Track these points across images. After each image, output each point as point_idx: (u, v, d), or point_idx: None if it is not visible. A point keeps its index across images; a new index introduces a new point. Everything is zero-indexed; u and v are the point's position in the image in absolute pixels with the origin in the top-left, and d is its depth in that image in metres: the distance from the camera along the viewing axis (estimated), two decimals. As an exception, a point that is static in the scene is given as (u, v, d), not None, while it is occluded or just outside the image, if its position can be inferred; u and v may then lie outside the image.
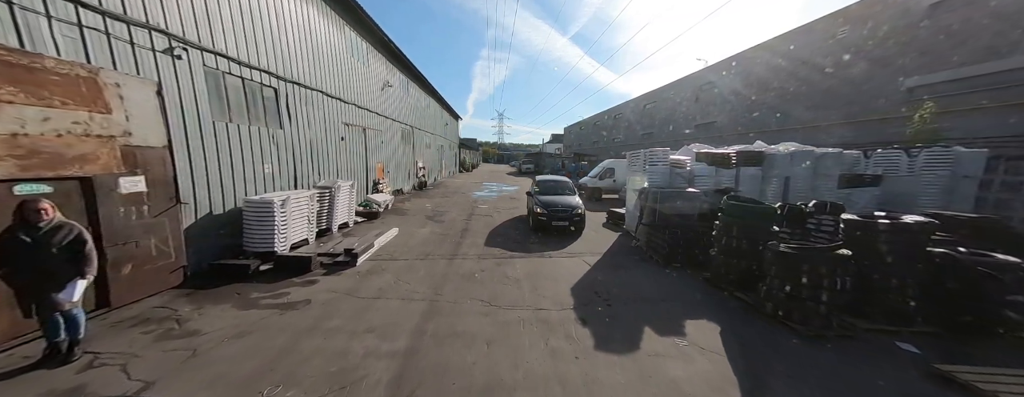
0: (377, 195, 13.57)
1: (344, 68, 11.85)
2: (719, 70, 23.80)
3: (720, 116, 24.25)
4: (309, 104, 9.58)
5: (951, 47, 11.37)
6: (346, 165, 11.95)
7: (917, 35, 12.35)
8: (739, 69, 21.65)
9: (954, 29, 11.08)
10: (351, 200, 10.32)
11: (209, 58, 6.16)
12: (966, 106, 10.16)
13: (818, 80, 16.11)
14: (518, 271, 6.98)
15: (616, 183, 18.85)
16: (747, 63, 20.91)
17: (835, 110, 15.28)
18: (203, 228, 5.99)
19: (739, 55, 21.54)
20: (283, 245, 6.96)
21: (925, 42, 12.21)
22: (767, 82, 19.36)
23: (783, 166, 8.74)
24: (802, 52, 17.08)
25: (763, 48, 19.55)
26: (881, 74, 13.59)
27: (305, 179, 9.32)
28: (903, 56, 12.90)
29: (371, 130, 14.39)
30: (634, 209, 9.69)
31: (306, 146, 9.39)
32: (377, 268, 6.89)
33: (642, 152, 9.55)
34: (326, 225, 9.13)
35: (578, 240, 9.63)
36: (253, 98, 7.39)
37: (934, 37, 11.88)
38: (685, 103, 28.85)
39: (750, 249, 5.37)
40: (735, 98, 22.22)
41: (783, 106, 18.22)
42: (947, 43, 11.45)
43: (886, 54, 13.40)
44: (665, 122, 31.57)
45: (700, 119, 26.78)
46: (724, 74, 22.94)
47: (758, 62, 19.94)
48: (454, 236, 9.81)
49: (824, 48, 15.83)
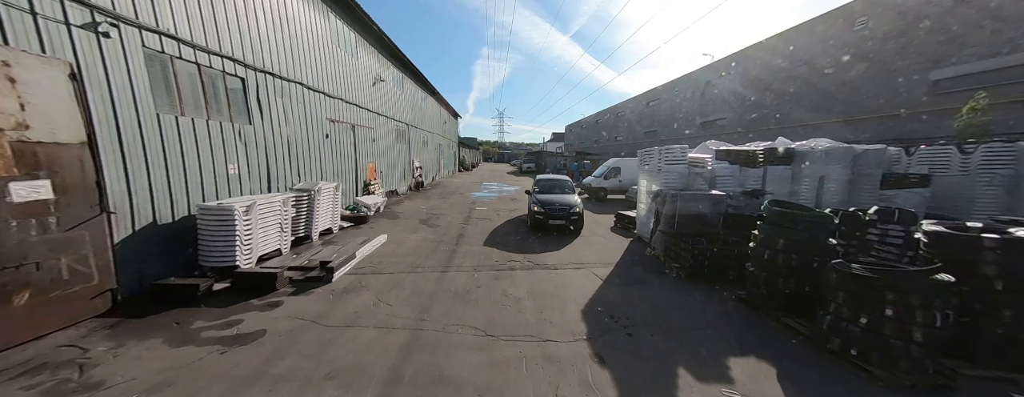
0: (367, 197, 12.61)
1: (329, 60, 10.89)
2: (727, 65, 22.79)
3: (728, 112, 23.29)
4: (286, 97, 8.62)
5: (989, 34, 10.39)
6: (332, 165, 10.99)
7: (946, 23, 11.37)
8: (749, 64, 20.65)
9: (995, 15, 10.10)
10: (335, 204, 9.37)
11: (151, 39, 5.19)
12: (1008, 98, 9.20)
13: (836, 73, 15.11)
14: (519, 287, 6.02)
15: (622, 183, 17.87)
16: (757, 57, 19.91)
17: (855, 105, 14.30)
18: (143, 242, 5.03)
19: (749, 49, 20.53)
20: (248, 258, 6.01)
21: (956, 31, 11.22)
22: (779, 77, 18.38)
23: (817, 165, 7.76)
24: (817, 45, 16.07)
25: (777, 40, 18.55)
26: (903, 66, 12.61)
27: (282, 181, 8.36)
28: (929, 46, 11.92)
29: (361, 127, 13.43)
30: (647, 213, 8.73)
31: (283, 144, 8.43)
32: (356, 285, 5.93)
33: (656, 150, 8.59)
34: (305, 232, 8.18)
35: (585, 246, 8.68)
36: (213, 88, 6.43)
37: (967, 25, 10.90)
38: (690, 100, 27.91)
39: (801, 266, 4.40)
40: (744, 94, 21.24)
41: (795, 102, 17.25)
42: (982, 31, 10.46)
43: (909, 45, 12.41)
44: (669, 120, 30.62)
45: (705, 116, 25.83)
46: (734, 66, 21.90)
47: (770, 56, 18.95)
48: (448, 243, 8.86)
49: (842, 40, 14.83)
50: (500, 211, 14.04)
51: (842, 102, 14.88)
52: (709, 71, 25.11)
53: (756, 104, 20.01)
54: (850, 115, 14.49)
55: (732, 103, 22.33)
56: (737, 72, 21.52)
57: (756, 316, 4.94)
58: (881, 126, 13.32)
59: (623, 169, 18.09)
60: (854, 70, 14.44)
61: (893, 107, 12.88)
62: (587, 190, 18.80)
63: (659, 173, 8.39)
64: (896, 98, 12.89)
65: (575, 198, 10.50)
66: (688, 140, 27.69)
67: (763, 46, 19.56)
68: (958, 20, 11.21)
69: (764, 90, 19.40)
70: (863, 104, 14.00)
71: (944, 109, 11.33)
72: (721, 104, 23.63)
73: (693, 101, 27.50)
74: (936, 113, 11.63)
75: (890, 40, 13.11)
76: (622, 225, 11.10)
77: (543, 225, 9.67)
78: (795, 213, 4.56)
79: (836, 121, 15.09)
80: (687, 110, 28.11)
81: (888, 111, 13.06)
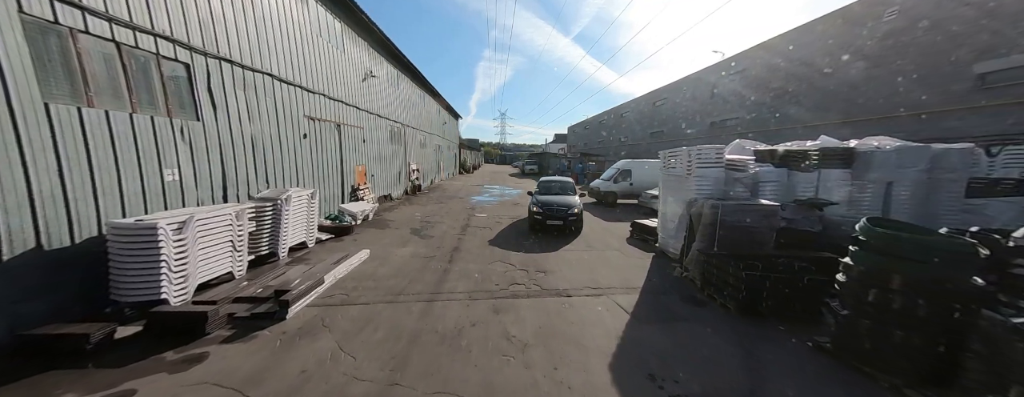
0: (353, 204, 11.33)
1: (309, 50, 9.64)
2: (743, 60, 21.44)
3: (741, 112, 21.95)
4: (250, 90, 7.36)
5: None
6: (311, 168, 9.73)
7: (994, 10, 10.01)
8: (768, 58, 19.30)
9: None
10: (311, 213, 8.09)
11: (33, 4, 3.93)
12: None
13: (865, 68, 13.74)
14: (525, 325, 4.71)
15: (634, 187, 16.52)
16: (777, 52, 18.57)
17: (886, 100, 12.92)
18: (19, 274, 3.75)
19: (770, 41, 19.19)
20: (181, 289, 4.72)
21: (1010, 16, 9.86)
22: (799, 72, 17.03)
23: (884, 167, 6.41)
24: (842, 37, 14.70)
25: (798, 33, 17.20)
26: (943, 60, 11.24)
27: (242, 188, 7.09)
28: (974, 37, 10.56)
29: (349, 127, 12.18)
30: (676, 224, 7.40)
31: (245, 145, 7.17)
32: (316, 323, 4.63)
33: (685, 150, 7.27)
34: (270, 249, 6.90)
35: (601, 263, 7.35)
36: (142, 74, 5.16)
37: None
38: (699, 99, 26.61)
39: (931, 315, 3.07)
40: (761, 91, 19.90)
41: (817, 99, 15.90)
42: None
43: (951, 35, 11.04)
44: (676, 120, 29.28)
45: (714, 116, 24.53)
46: (750, 62, 20.52)
47: (790, 50, 17.60)
48: (441, 259, 7.56)
49: (869, 32, 13.47)
50: (502, 218, 12.74)
51: (869, 98, 13.51)
52: (720, 68, 23.80)
53: (776, 102, 18.66)
54: (882, 112, 13.12)
55: (746, 101, 20.98)
56: (759, 65, 20.17)
57: (853, 377, 3.61)
58: (915, 124, 11.95)
59: (634, 171, 16.74)
60: (885, 65, 13.07)
61: (936, 103, 11.51)
62: (594, 194, 17.46)
63: (688, 178, 7.08)
64: (934, 93, 11.53)
65: (575, 199, 10.56)
66: (695, 141, 26.37)
67: (784, 39, 18.22)
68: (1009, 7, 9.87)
69: (784, 86, 18.05)
70: (893, 101, 12.62)
71: (1001, 104, 9.98)
72: (734, 103, 22.30)
73: (702, 100, 26.20)
74: (988, 109, 10.26)
75: (927, 32, 11.75)
76: (640, 236, 9.77)
77: (541, 225, 9.78)
78: (925, 239, 3.21)
79: (863, 119, 13.72)
80: (695, 110, 26.79)
81: (928, 107, 11.68)
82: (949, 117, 11.19)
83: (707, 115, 25.26)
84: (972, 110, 10.61)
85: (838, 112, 14.82)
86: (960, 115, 10.94)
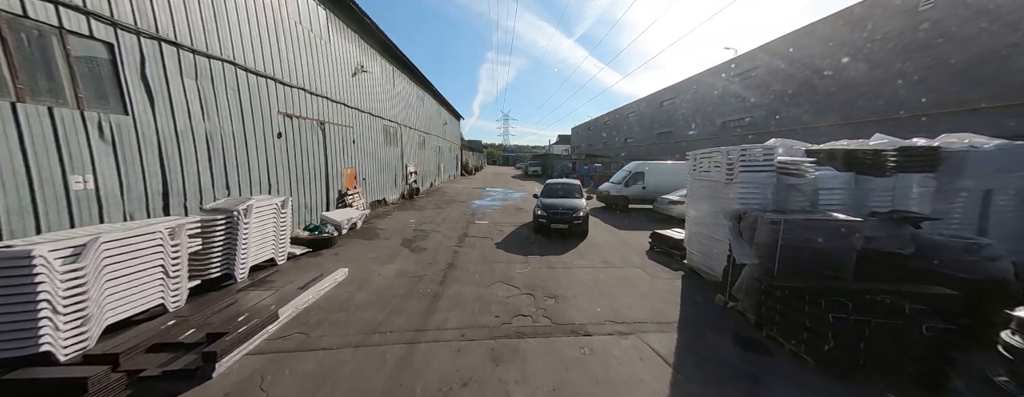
0: (338, 212, 10.14)
1: (285, 39, 8.48)
2: (762, 56, 20.12)
3: (758, 111, 20.63)
4: (205, 80, 6.19)
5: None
6: (286, 173, 8.55)
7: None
8: (791, 53, 17.98)
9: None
10: (282, 224, 6.91)
11: None
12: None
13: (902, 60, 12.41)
14: (534, 386, 3.48)
15: (647, 190, 15.24)
16: (803, 44, 17.25)
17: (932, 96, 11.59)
18: None
19: (794, 34, 17.87)
20: (79, 336, 3.54)
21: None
22: (827, 65, 15.70)
23: (981, 171, 5.13)
24: (881, 26, 13.36)
25: (826, 23, 15.88)
26: (996, 46, 9.90)
27: (191, 198, 5.91)
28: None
29: (336, 125, 11.01)
30: (710, 238, 6.14)
31: (197, 145, 6.00)
32: (251, 386, 3.42)
33: (724, 150, 6.03)
34: (224, 270, 5.70)
35: (623, 286, 6.09)
36: (39, 52, 3.99)
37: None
38: (712, 98, 25.30)
39: None
40: (783, 87, 18.57)
41: (845, 94, 14.57)
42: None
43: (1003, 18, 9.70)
44: (686, 118, 27.96)
45: (727, 115, 23.24)
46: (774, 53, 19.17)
47: (818, 42, 16.27)
48: (432, 279, 6.35)
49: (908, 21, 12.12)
50: (504, 225, 11.52)
51: (910, 92, 12.17)
52: (738, 64, 22.48)
53: (802, 98, 17.34)
54: (925, 109, 11.78)
55: (766, 98, 19.65)
56: (787, 57, 18.82)
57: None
58: (963, 121, 10.61)
59: (648, 174, 15.45)
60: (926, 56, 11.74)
61: (999, 98, 10.17)
62: (603, 199, 16.19)
63: (729, 184, 5.82)
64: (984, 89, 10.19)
65: (580, 202, 10.32)
66: (707, 142, 25.06)
67: (808, 32, 16.91)
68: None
69: (811, 81, 16.72)
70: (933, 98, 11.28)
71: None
72: (752, 99, 20.98)
73: (712, 99, 24.91)
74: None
75: (979, 18, 10.42)
76: (661, 249, 8.50)
77: (544, 229, 9.68)
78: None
79: (905, 116, 12.39)
80: (707, 108, 25.49)
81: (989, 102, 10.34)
82: (1006, 114, 9.84)
83: (723, 113, 23.95)
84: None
85: (889, 105, 13.43)
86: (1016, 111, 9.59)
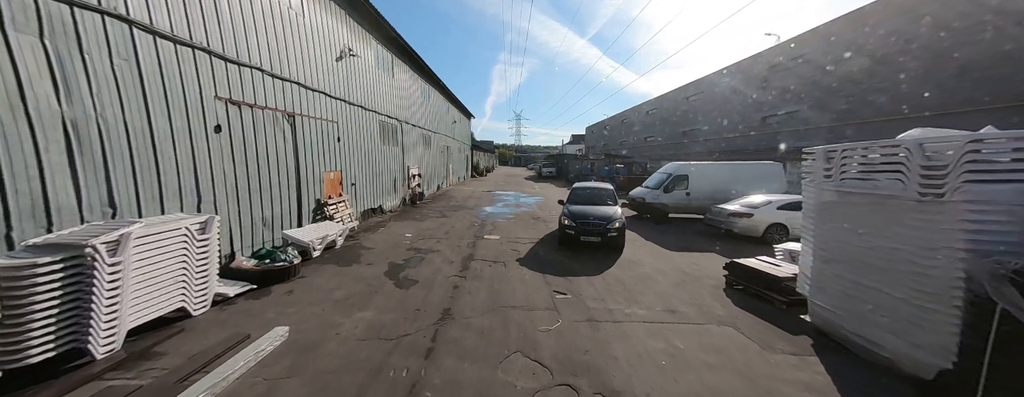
0: (307, 229, 7.92)
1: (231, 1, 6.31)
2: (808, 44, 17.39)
3: (802, 105, 17.95)
4: (62, 39, 4.02)
5: None
6: (228, 179, 6.37)
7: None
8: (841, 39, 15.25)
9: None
10: (202, 256, 4.71)
11: None
12: None
13: (980, 43, 9.60)
14: None
15: (692, 197, 12.68)
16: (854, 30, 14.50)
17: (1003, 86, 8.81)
18: None
19: (853, 14, 15.10)
20: None
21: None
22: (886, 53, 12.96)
23: None
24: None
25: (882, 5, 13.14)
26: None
27: (28, 222, 3.73)
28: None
29: (309, 119, 8.83)
30: (885, 297, 3.69)
31: (48, 138, 3.82)
32: None
33: (913, 143, 3.60)
34: (71, 343, 3.49)
35: (713, 359, 3.64)
36: None
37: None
38: (742, 92, 22.64)
39: None
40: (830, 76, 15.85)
41: (904, 85, 11.82)
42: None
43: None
44: (717, 114, 25.24)
45: (765, 111, 20.61)
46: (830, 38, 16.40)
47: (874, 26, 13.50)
48: (414, 346, 4.03)
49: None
50: (519, 242, 9.21)
51: (995, 81, 9.42)
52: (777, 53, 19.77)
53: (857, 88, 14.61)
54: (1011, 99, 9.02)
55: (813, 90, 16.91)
56: (831, 47, 16.05)
57: None
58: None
59: (693, 177, 12.88)
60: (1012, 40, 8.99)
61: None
62: (636, 207, 13.68)
63: (937, 202, 3.38)
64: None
65: (615, 210, 9.00)
66: (742, 140, 22.37)
67: (864, 14, 14.19)
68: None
69: (874, 67, 13.98)
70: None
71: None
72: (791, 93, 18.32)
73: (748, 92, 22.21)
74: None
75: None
76: (750, 290, 5.96)
77: (572, 241, 8.44)
78: None
79: (984, 108, 9.63)
80: (744, 102, 22.79)
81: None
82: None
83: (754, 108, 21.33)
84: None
85: (987, 93, 10.68)
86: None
